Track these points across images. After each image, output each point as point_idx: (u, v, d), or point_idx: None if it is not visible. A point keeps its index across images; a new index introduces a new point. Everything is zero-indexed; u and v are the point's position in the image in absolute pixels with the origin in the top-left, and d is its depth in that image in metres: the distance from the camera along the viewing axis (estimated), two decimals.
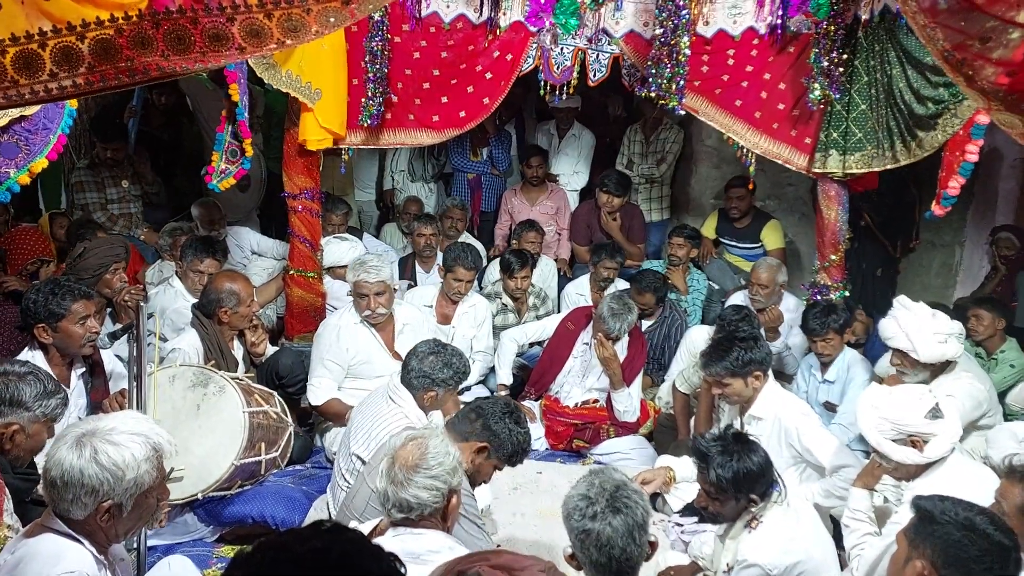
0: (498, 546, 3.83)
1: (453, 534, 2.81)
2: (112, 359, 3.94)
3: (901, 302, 4.00)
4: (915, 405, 3.03)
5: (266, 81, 4.44)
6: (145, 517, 2.26)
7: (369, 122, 4.85)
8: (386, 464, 2.45)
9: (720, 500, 2.89)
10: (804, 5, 4.44)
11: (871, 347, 4.95)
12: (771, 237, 6.09)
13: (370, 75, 4.75)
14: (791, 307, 5.16)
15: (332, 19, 1.77)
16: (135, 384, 3.04)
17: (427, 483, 2.39)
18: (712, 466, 2.84)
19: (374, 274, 4.40)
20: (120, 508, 2.16)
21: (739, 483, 2.83)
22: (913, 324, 3.85)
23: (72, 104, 3.57)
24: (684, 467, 4.08)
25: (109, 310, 4.43)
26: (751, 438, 2.95)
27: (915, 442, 3.02)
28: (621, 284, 5.61)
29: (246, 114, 4.46)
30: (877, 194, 5.69)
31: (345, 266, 5.47)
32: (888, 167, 4.53)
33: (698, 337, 4.94)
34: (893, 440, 3.03)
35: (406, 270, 6.12)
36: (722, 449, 2.86)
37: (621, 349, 4.79)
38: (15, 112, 3.24)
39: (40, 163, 3.48)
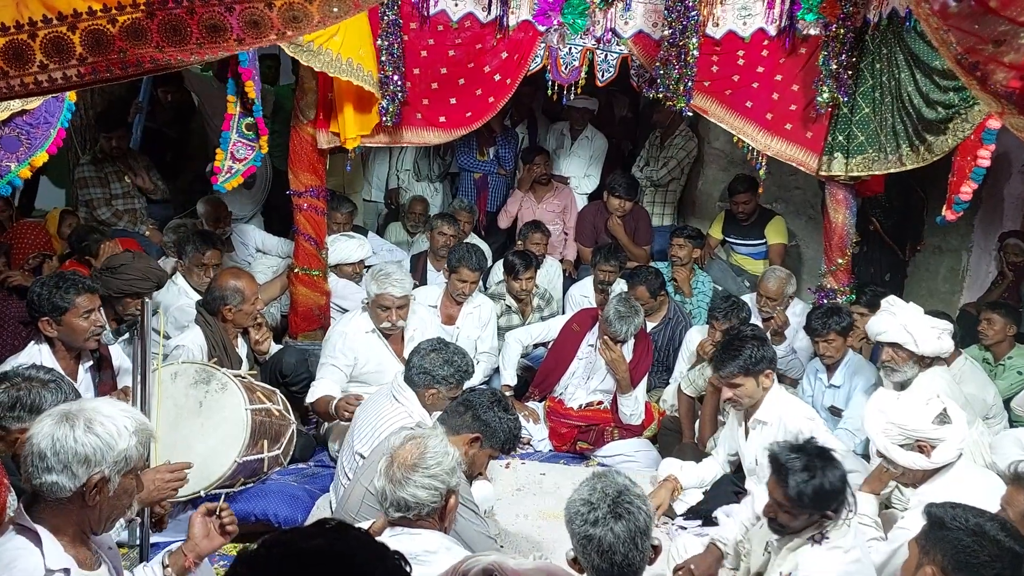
0: (501, 547, 3.83)
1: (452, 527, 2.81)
2: (120, 354, 3.93)
3: (890, 301, 4.00)
4: (923, 410, 3.02)
5: (330, 74, 4.34)
6: (129, 499, 2.22)
7: (392, 121, 4.80)
8: (384, 463, 2.46)
9: (793, 513, 2.78)
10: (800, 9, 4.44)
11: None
12: (773, 232, 6.11)
13: (388, 74, 4.72)
14: (797, 312, 5.13)
15: (335, 9, 1.73)
16: (139, 381, 3.02)
17: (425, 482, 2.39)
18: (793, 480, 2.71)
19: (399, 288, 4.34)
20: (107, 483, 2.11)
21: (818, 499, 2.71)
22: (910, 318, 3.87)
23: (71, 98, 3.56)
24: (688, 474, 4.07)
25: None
26: (832, 453, 2.81)
27: (922, 447, 3.00)
28: (625, 286, 5.59)
29: (262, 112, 4.42)
30: (886, 198, 5.66)
31: (352, 263, 5.47)
32: (891, 170, 4.50)
33: (698, 337, 4.94)
34: (900, 445, 3.01)
35: (417, 268, 6.10)
36: (804, 465, 2.72)
37: (627, 352, 4.77)
38: (16, 105, 3.22)
39: (41, 157, 3.48)
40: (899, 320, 3.88)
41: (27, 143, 3.40)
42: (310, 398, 4.40)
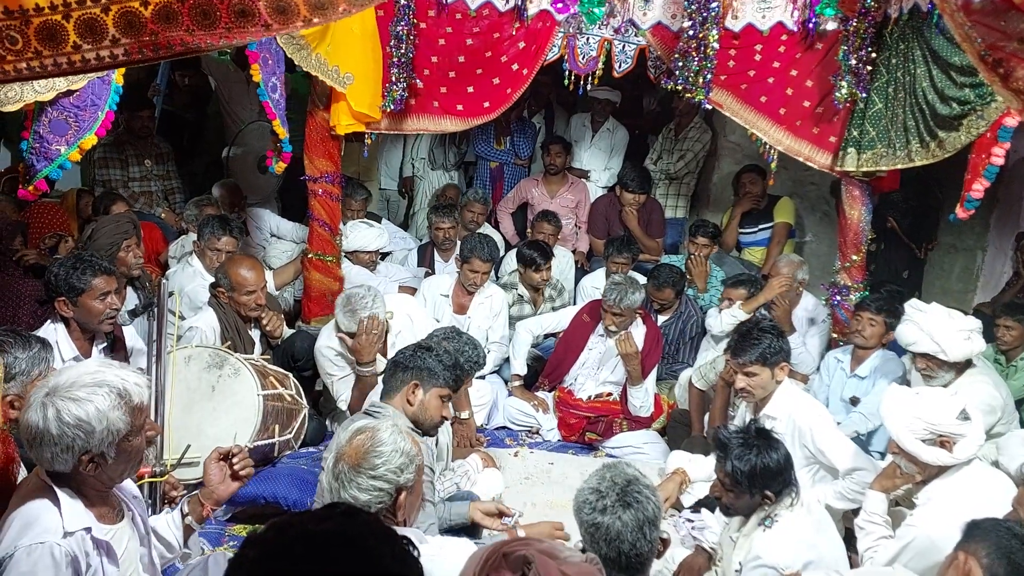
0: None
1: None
2: (134, 336, 3.96)
3: (914, 306, 3.96)
4: (946, 405, 3.02)
5: (296, 63, 4.36)
6: (136, 457, 2.23)
7: (392, 107, 4.81)
8: (332, 459, 2.38)
9: (734, 492, 2.89)
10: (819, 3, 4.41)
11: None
12: (781, 211, 6.10)
13: (395, 60, 4.72)
14: (809, 307, 5.12)
15: None
16: (155, 363, 3.04)
17: (368, 484, 2.31)
18: (730, 457, 2.84)
19: (366, 312, 4.14)
20: (103, 457, 2.12)
21: (755, 478, 2.81)
22: (935, 325, 3.82)
23: (118, 80, 3.54)
24: (697, 467, 4.08)
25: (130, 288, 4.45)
26: (775, 435, 2.93)
27: (944, 443, 3.00)
28: (639, 279, 5.58)
29: (269, 95, 4.40)
30: (903, 198, 5.62)
31: (369, 251, 5.48)
32: (900, 166, 4.45)
33: (717, 314, 4.95)
34: (923, 440, 3.01)
35: (425, 257, 6.12)
36: (743, 442, 2.85)
37: (637, 341, 4.78)
38: (62, 85, 3.23)
39: (90, 139, 3.47)
40: (924, 329, 3.83)
41: (75, 126, 3.40)
42: (343, 405, 4.35)
